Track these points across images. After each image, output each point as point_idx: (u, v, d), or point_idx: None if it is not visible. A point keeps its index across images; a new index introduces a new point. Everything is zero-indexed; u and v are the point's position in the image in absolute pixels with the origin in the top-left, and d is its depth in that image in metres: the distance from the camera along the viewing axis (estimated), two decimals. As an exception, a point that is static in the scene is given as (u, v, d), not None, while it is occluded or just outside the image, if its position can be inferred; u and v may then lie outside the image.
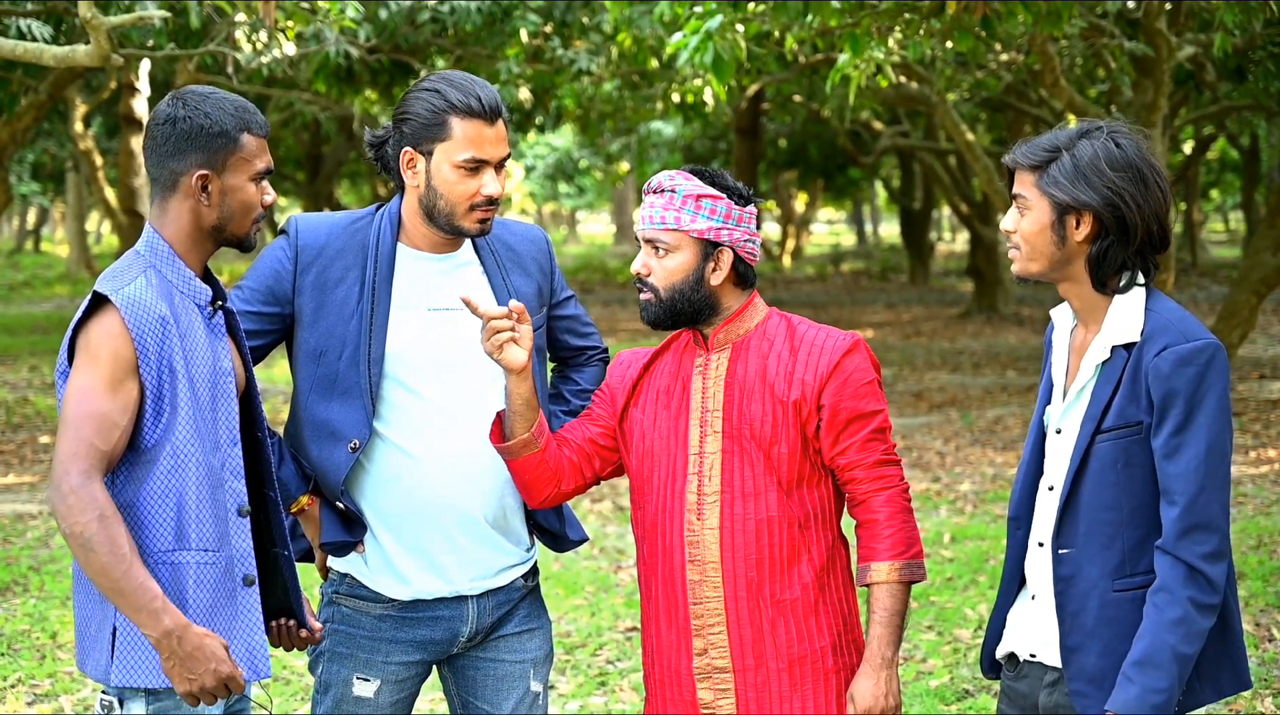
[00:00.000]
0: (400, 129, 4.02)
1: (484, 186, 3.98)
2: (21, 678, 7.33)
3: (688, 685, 3.94)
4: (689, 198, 3.89)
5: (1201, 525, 3.43)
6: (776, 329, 3.97)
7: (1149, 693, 3.39)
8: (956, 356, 20.56)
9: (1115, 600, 3.52)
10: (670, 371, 4.05)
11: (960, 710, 6.75)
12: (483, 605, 4.13)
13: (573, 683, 7.39)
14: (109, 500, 3.40)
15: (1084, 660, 3.53)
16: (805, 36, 10.87)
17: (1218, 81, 15.96)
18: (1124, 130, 3.59)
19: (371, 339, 4.00)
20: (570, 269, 40.10)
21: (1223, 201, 48.40)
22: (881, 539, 3.87)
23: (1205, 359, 3.44)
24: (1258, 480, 11.47)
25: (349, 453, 4.01)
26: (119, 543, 3.38)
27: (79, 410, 3.43)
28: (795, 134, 32.67)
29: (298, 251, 4.04)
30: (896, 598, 3.86)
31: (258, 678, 3.66)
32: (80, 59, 8.32)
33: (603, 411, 4.12)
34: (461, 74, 4.04)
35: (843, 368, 3.89)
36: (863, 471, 3.89)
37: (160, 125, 3.61)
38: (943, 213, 49.50)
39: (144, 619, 3.40)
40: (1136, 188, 3.51)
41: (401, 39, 15.47)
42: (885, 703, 3.85)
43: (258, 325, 4.03)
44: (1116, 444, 3.50)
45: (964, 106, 20.88)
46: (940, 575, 9.09)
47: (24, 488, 12.14)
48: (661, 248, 3.91)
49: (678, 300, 3.91)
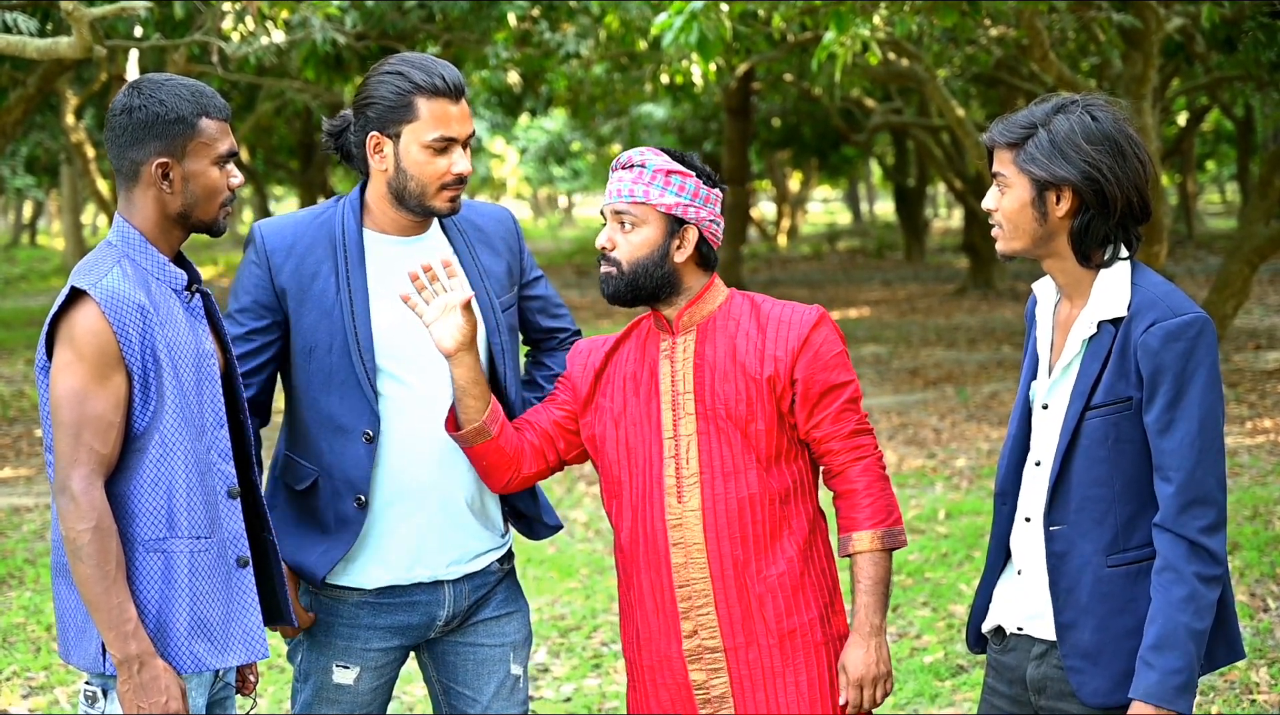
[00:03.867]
0: (364, 114, 4.01)
1: (453, 165, 3.98)
2: (16, 671, 7.34)
3: (679, 668, 3.95)
4: (659, 172, 3.90)
5: (1199, 499, 3.43)
6: (741, 308, 3.98)
7: (1169, 674, 3.40)
8: (952, 332, 20.55)
9: (1109, 576, 3.52)
10: (635, 358, 4.05)
11: (955, 685, 6.76)
12: (459, 590, 4.14)
13: (567, 665, 7.39)
14: (107, 509, 3.45)
15: (1079, 636, 3.54)
16: (791, 15, 10.85)
17: (1208, 53, 15.93)
18: (1099, 103, 3.57)
19: (357, 328, 4.00)
20: (566, 252, 40.06)
21: (1218, 173, 48.33)
22: (861, 508, 3.89)
23: (1194, 333, 3.43)
24: (1253, 451, 11.46)
25: (365, 444, 4.00)
26: (107, 559, 3.43)
27: (74, 415, 3.45)
28: (788, 113, 32.59)
29: (268, 255, 4.04)
30: (880, 565, 3.88)
31: (254, 659, 3.68)
32: (64, 51, 8.32)
33: (565, 396, 4.12)
34: (420, 55, 4.04)
35: (812, 341, 3.90)
36: (838, 442, 3.91)
37: (117, 115, 3.60)
38: (937, 189, 49.43)
39: (113, 638, 3.45)
40: (1114, 160, 3.49)
41: (389, 25, 15.44)
42: (877, 669, 3.87)
43: (263, 339, 4.04)
44: (1106, 420, 3.50)
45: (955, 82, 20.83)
46: (935, 551, 9.09)
47: (20, 481, 12.15)
48: (628, 222, 3.91)
49: (640, 275, 3.91)
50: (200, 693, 3.64)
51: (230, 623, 3.63)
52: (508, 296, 4.20)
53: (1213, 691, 6.45)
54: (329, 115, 4.40)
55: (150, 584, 3.52)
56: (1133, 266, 3.57)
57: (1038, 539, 3.63)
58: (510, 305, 4.20)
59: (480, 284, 4.14)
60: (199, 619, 3.56)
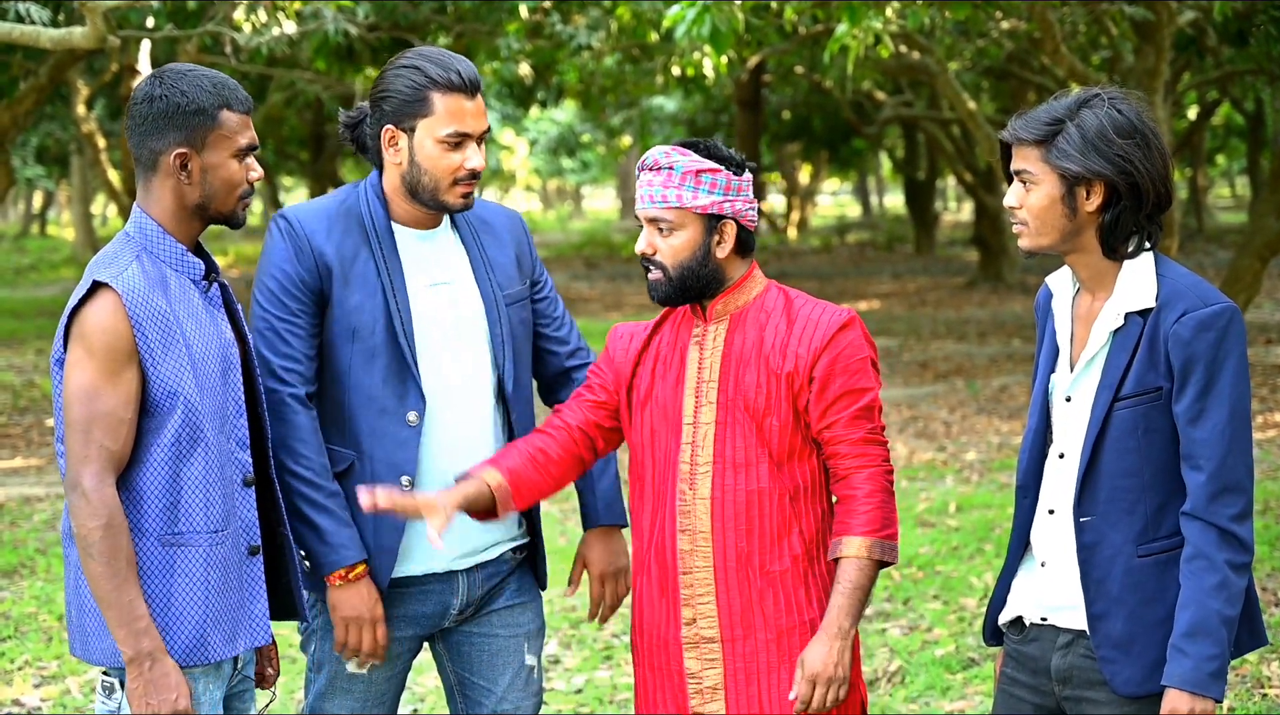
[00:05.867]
0: (380, 107, 4.01)
1: (467, 160, 3.99)
2: (28, 660, 7.35)
3: (675, 654, 3.95)
4: (688, 174, 3.87)
5: (1230, 487, 3.45)
6: (775, 302, 3.97)
7: (1203, 661, 3.41)
8: (962, 326, 20.54)
9: (1139, 566, 3.53)
10: (669, 342, 4.05)
11: (966, 678, 6.76)
12: (472, 579, 4.15)
13: (578, 656, 7.40)
14: (118, 506, 3.45)
15: (1110, 626, 3.54)
16: (804, 8, 10.85)
17: (1219, 46, 15.91)
18: (1120, 96, 3.58)
19: (401, 313, 4.00)
20: (575, 244, 40.06)
21: (1228, 167, 48.29)
22: (857, 515, 3.85)
23: (1224, 323, 3.45)
24: (1266, 444, 11.47)
25: (409, 427, 4.01)
26: (118, 556, 3.44)
27: (85, 411, 3.45)
28: (798, 106, 32.58)
29: (307, 237, 4.00)
30: (864, 573, 3.82)
31: (257, 644, 3.69)
32: (77, 41, 8.32)
33: (602, 385, 4.11)
34: (437, 49, 4.04)
35: (836, 342, 3.87)
36: (846, 447, 3.88)
37: (139, 104, 3.60)
38: (947, 182, 49.37)
39: (123, 635, 3.45)
40: (1143, 152, 3.50)
41: (401, 17, 15.45)
42: (834, 671, 3.78)
43: (308, 318, 4.00)
44: (1135, 410, 3.50)
45: (966, 75, 20.81)
46: (946, 544, 9.09)
47: (31, 471, 12.16)
48: (665, 226, 3.89)
49: (687, 277, 3.90)
50: (218, 685, 3.64)
51: (240, 610, 3.64)
52: (515, 289, 4.19)
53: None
54: (340, 106, 4.39)
55: (166, 577, 3.53)
56: (1155, 258, 3.57)
57: (1062, 531, 3.63)
58: (518, 299, 4.20)
59: (486, 274, 4.15)
60: (212, 610, 3.56)
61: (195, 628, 3.54)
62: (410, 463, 4.02)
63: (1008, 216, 3.71)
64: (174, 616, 3.53)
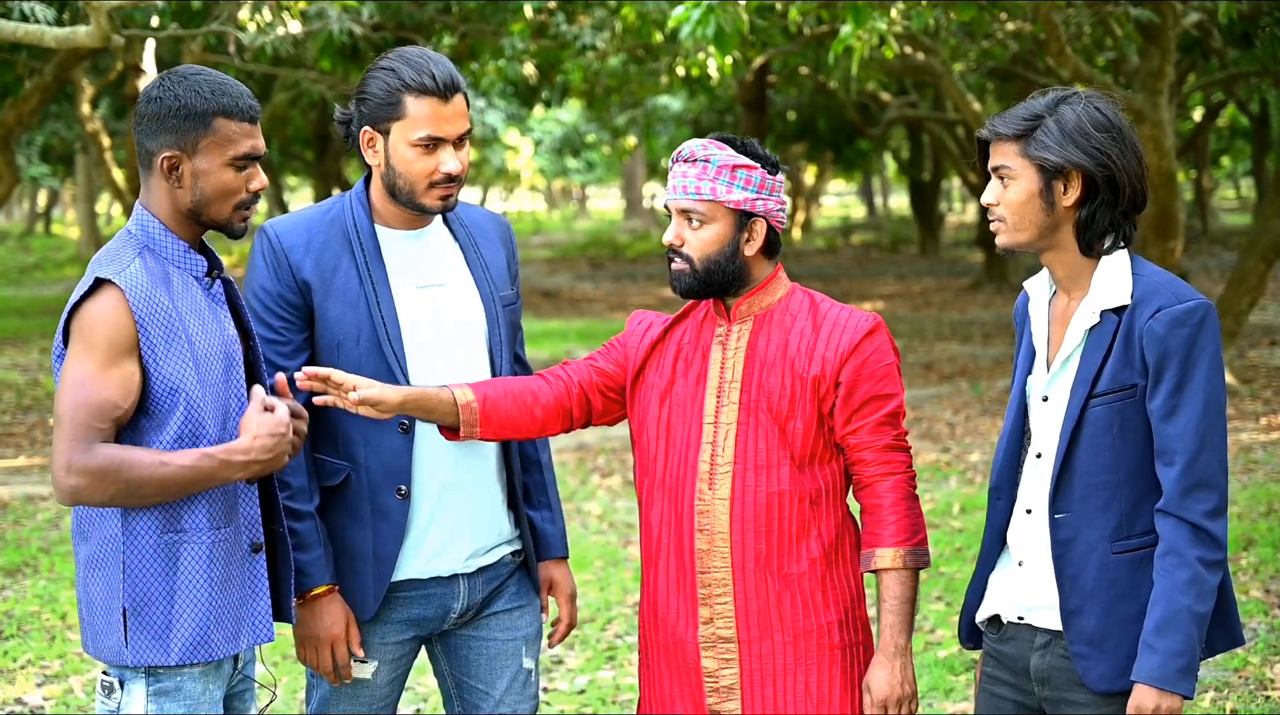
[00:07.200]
0: (360, 108, 4.01)
1: (442, 164, 3.96)
2: (31, 659, 7.36)
3: (691, 653, 3.94)
4: (724, 168, 3.86)
5: (1202, 483, 3.46)
6: (800, 304, 3.97)
7: (1172, 657, 3.42)
8: (966, 327, 20.55)
9: (1114, 562, 3.54)
10: (690, 340, 4.04)
11: (969, 680, 6.76)
12: (473, 582, 4.14)
13: (581, 657, 7.40)
14: (115, 453, 3.40)
15: (1084, 622, 3.55)
16: (809, 8, 10.84)
17: (1225, 48, 15.90)
18: (1098, 95, 3.65)
19: (384, 320, 3.99)
20: (580, 244, 40.06)
21: (1233, 168, 48.23)
22: (886, 525, 3.86)
23: (1198, 319, 3.47)
24: (1269, 447, 11.45)
25: (401, 434, 4.00)
26: (139, 458, 3.41)
27: (73, 399, 3.42)
28: (803, 107, 32.57)
29: (285, 252, 4.00)
30: (905, 584, 3.85)
31: (261, 642, 3.69)
32: (81, 40, 8.33)
33: (613, 359, 4.10)
34: (418, 50, 4.02)
35: (863, 348, 3.87)
36: (871, 454, 3.88)
37: (141, 103, 3.59)
38: (952, 183, 49.35)
39: (222, 474, 3.48)
40: (1119, 148, 3.55)
41: (405, 17, 15.45)
42: (901, 690, 3.84)
43: (294, 333, 4.00)
44: (1110, 408, 3.52)
45: (971, 76, 20.80)
46: (950, 546, 9.09)
47: (34, 470, 12.17)
48: (696, 218, 3.88)
49: (713, 271, 3.89)
50: (218, 685, 3.64)
51: (242, 608, 3.64)
52: (508, 292, 4.20)
53: (1227, 688, 6.44)
54: (343, 106, 4.37)
55: (168, 573, 3.52)
56: (1131, 256, 3.60)
57: (1040, 531, 3.64)
58: (510, 302, 4.20)
59: (483, 275, 4.15)
60: (215, 607, 3.56)
61: (197, 624, 3.53)
62: (404, 471, 4.01)
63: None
64: (176, 613, 3.52)
